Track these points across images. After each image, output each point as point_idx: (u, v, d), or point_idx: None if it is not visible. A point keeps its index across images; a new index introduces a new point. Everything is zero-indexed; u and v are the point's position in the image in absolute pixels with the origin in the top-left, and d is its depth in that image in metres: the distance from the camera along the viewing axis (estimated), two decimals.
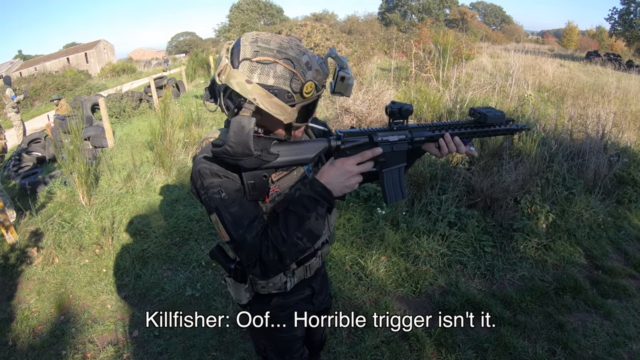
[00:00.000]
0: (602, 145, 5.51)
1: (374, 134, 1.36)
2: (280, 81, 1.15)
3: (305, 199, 1.28)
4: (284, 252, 1.27)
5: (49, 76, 25.18)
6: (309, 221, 1.27)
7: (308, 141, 1.32)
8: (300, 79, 1.17)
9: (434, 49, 9.99)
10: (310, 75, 1.19)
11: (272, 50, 1.16)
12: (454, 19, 51.31)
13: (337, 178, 1.29)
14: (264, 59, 1.15)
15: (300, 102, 1.19)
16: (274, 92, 1.15)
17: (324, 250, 1.69)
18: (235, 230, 1.27)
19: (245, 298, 1.58)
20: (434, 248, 3.85)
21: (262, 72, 1.15)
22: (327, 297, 1.89)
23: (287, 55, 1.16)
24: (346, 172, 1.29)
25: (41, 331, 3.31)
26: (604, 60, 20.33)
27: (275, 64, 1.15)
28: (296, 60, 1.17)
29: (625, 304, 3.42)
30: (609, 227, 4.55)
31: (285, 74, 1.15)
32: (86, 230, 4.56)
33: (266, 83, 1.15)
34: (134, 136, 9.03)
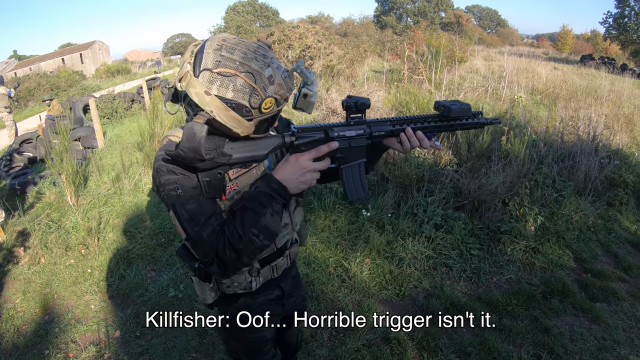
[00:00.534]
0: (593, 148, 5.51)
1: (329, 129, 1.34)
2: (239, 95, 1.14)
3: (261, 196, 1.28)
4: (240, 249, 1.25)
5: (44, 76, 25.05)
6: (265, 217, 1.26)
7: (261, 138, 1.30)
8: (260, 95, 1.15)
9: (426, 52, 9.99)
10: (272, 90, 1.17)
11: (234, 61, 1.13)
12: (449, 22, 51.44)
13: (292, 174, 1.29)
14: (225, 70, 1.13)
15: (258, 117, 1.18)
16: (231, 105, 1.14)
17: (292, 250, 1.67)
18: (191, 227, 1.26)
19: (210, 297, 1.56)
20: (419, 250, 3.82)
21: (221, 85, 1.13)
22: (300, 299, 1.87)
23: (249, 68, 1.14)
24: (300, 168, 1.29)
25: (25, 330, 3.30)
26: (598, 64, 20.39)
27: (236, 77, 1.13)
28: (258, 74, 1.14)
29: (614, 307, 3.40)
30: (599, 229, 4.53)
31: (245, 88, 1.14)
32: (73, 231, 4.54)
33: (224, 96, 1.13)
34: (125, 137, 8.98)
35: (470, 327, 3.12)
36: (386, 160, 4.97)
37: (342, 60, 12.23)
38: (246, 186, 1.40)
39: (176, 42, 73.30)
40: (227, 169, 1.29)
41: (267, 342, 1.72)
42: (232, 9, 56.99)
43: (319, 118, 6.56)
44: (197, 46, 1.19)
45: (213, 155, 1.19)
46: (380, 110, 6.01)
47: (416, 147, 1.44)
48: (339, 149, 1.35)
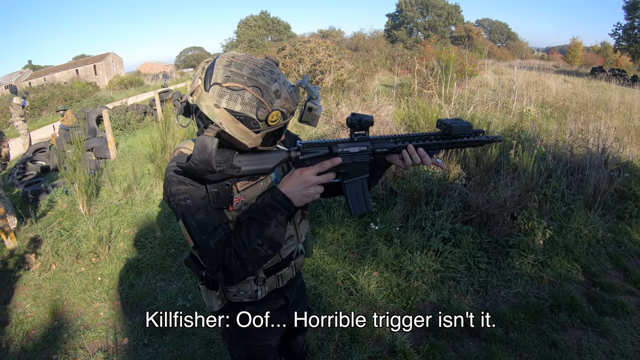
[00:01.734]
0: (603, 160, 5.47)
1: (334, 145, 1.38)
2: (247, 108, 1.18)
3: (266, 207, 1.31)
4: (245, 258, 1.29)
5: (57, 87, 25.45)
6: (269, 228, 1.30)
7: (268, 152, 1.33)
8: (267, 108, 1.19)
9: (436, 66, 10.02)
10: (278, 104, 1.21)
11: (242, 76, 1.18)
12: (459, 36, 51.48)
13: (296, 187, 1.33)
14: (234, 85, 1.18)
15: (265, 129, 1.23)
16: (239, 118, 1.19)
17: (297, 261, 1.71)
18: (199, 236, 1.31)
19: (216, 305, 1.59)
20: (427, 264, 3.82)
21: (230, 98, 1.18)
22: (305, 309, 1.89)
23: (256, 82, 1.18)
24: (304, 181, 1.33)
25: (34, 335, 3.35)
26: (609, 76, 20.30)
27: (244, 91, 1.18)
28: (265, 89, 1.19)
29: (623, 321, 3.36)
30: (609, 242, 4.50)
31: (253, 101, 1.18)
32: (84, 239, 4.60)
33: (233, 109, 1.18)
34: (137, 148, 9.09)
35: (476, 340, 3.11)
36: (395, 174, 4.99)
37: (353, 75, 12.29)
38: (253, 198, 1.44)
39: (189, 55, 74.01)
40: (235, 181, 1.32)
41: (271, 350, 1.73)
42: (244, 23, 57.52)
43: (328, 132, 6.60)
44: (208, 63, 1.25)
45: (223, 167, 1.24)
46: (389, 124, 6.03)
47: (417, 164, 1.48)
48: (343, 164, 1.39)
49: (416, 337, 3.15)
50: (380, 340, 3.09)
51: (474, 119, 6.49)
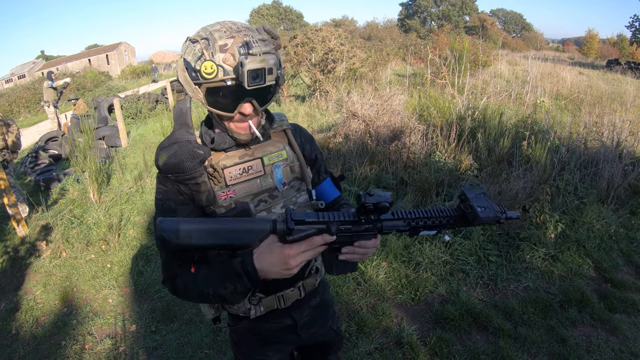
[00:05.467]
0: (617, 154, 5.37)
1: (332, 224, 1.10)
2: (193, 59, 1.18)
3: (231, 271, 1.13)
4: (189, 293, 1.23)
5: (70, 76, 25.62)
6: (225, 291, 1.14)
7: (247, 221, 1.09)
8: (205, 59, 1.16)
9: (450, 56, 9.91)
10: (219, 58, 1.15)
11: (206, 31, 1.19)
12: (473, 26, 51.01)
13: (273, 267, 1.09)
14: (195, 37, 1.19)
15: (203, 82, 1.18)
16: (186, 66, 1.21)
17: (307, 281, 1.52)
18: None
19: (210, 314, 1.48)
20: (436, 255, 3.79)
21: (187, 50, 1.21)
22: (326, 330, 1.68)
23: (210, 36, 1.17)
24: (285, 264, 1.08)
25: (44, 322, 3.40)
26: (625, 69, 19.96)
27: (196, 43, 1.18)
28: (213, 41, 1.16)
29: (633, 319, 3.30)
30: (621, 238, 4.42)
31: (198, 52, 1.17)
32: (94, 227, 4.63)
33: (186, 58, 1.21)
34: (148, 137, 9.13)
35: (484, 334, 3.08)
36: (406, 164, 4.95)
37: (365, 64, 12.20)
38: (247, 196, 1.32)
39: None
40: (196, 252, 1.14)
41: None
42: (256, 12, 57.54)
43: (339, 121, 6.56)
44: None
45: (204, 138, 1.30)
46: (401, 114, 5.97)
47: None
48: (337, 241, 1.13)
49: (423, 329, 3.13)
50: (387, 331, 3.08)
51: (487, 109, 6.41)
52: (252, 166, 1.34)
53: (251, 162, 1.33)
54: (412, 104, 6.81)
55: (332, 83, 11.03)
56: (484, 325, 3.14)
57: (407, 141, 5.49)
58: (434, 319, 3.22)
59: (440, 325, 3.13)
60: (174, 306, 3.44)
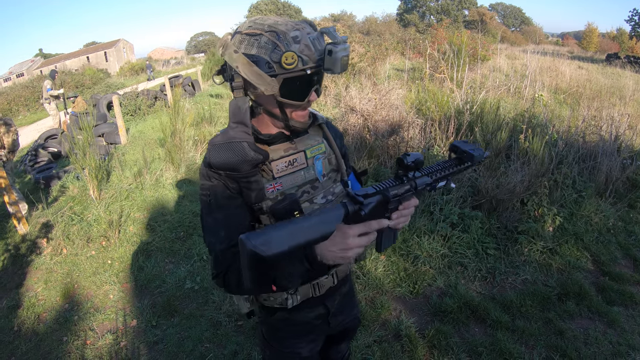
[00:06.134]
0: (616, 148, 5.38)
1: (386, 191, 1.19)
2: (262, 51, 1.16)
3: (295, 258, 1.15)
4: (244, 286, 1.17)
5: (69, 74, 25.61)
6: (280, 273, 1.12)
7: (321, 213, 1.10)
8: (281, 49, 1.15)
9: (448, 50, 9.91)
10: (296, 48, 1.16)
11: (263, 25, 1.18)
12: (473, 20, 50.85)
13: (333, 249, 1.11)
14: (252, 31, 1.18)
15: (281, 73, 1.17)
16: (254, 60, 1.17)
17: (340, 268, 1.54)
18: (208, 237, 1.28)
19: (245, 307, 1.51)
20: (434, 249, 3.81)
21: (248, 43, 1.18)
22: (352, 318, 1.73)
23: (275, 29, 1.16)
24: (345, 245, 1.10)
25: (46, 318, 3.41)
26: (624, 63, 19.95)
27: (260, 36, 1.17)
28: (282, 33, 1.16)
29: (631, 312, 3.33)
30: (619, 231, 4.45)
31: (268, 45, 1.16)
32: (95, 223, 4.64)
33: (250, 52, 1.17)
34: (147, 133, 9.13)
35: (482, 327, 3.10)
36: None
37: (364, 58, 12.18)
38: (292, 187, 1.36)
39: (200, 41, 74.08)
40: None
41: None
42: (255, 8, 57.41)
43: (337, 115, 6.56)
44: None
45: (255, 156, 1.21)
46: (399, 108, 5.99)
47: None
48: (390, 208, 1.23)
49: (422, 321, 3.15)
50: (385, 324, 3.10)
51: (485, 103, 6.42)
52: (297, 159, 1.38)
53: (296, 155, 1.38)
54: (410, 99, 6.81)
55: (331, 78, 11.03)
56: (482, 317, 3.16)
57: (405, 135, 5.50)
58: (432, 312, 3.24)
59: (439, 318, 3.15)
60: (175, 301, 3.47)
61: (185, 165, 6.28)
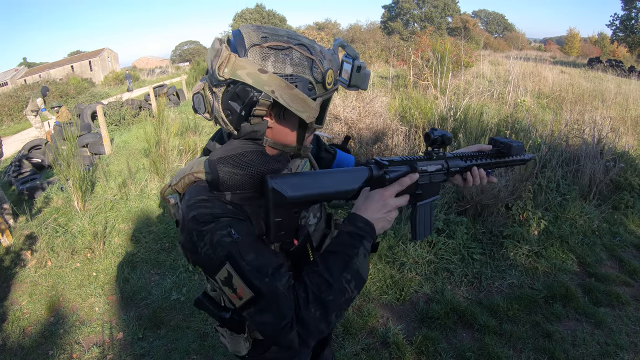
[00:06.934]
0: (599, 151, 5.45)
1: (414, 162, 1.18)
2: (300, 69, 0.95)
3: (346, 237, 1.05)
4: (330, 301, 0.97)
5: (53, 84, 25.29)
6: (357, 259, 1.02)
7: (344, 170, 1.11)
8: (319, 67, 0.97)
9: (432, 57, 10.00)
10: (327, 64, 0.99)
11: (281, 36, 0.96)
12: (456, 27, 51.42)
13: (378, 212, 1.08)
14: (277, 44, 0.94)
15: (321, 94, 0.99)
16: (294, 82, 0.94)
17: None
18: (260, 280, 0.94)
19: (244, 348, 1.30)
20: (420, 255, 3.81)
21: (276, 59, 0.93)
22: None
23: (300, 41, 0.97)
24: (386, 205, 1.09)
25: (31, 332, 3.36)
26: (606, 66, 20.31)
27: (290, 50, 0.95)
28: (311, 47, 0.98)
29: (618, 312, 3.37)
30: (604, 233, 4.50)
31: (304, 60, 0.95)
32: (79, 235, 4.59)
33: (283, 72, 0.94)
34: (132, 143, 9.08)
35: (470, 332, 3.11)
36: None
37: None
38: None
39: (184, 50, 73.80)
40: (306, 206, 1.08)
41: None
42: (239, 16, 57.42)
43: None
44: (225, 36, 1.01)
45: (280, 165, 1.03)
46: (383, 115, 6.02)
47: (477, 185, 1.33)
48: (419, 184, 1.19)
49: (409, 328, 3.16)
50: (373, 331, 3.09)
51: (469, 109, 6.48)
52: None
53: None
54: (394, 106, 6.86)
55: None
56: (470, 322, 3.17)
57: (389, 142, 5.53)
58: (419, 318, 3.24)
59: (426, 324, 3.16)
60: (161, 312, 3.43)
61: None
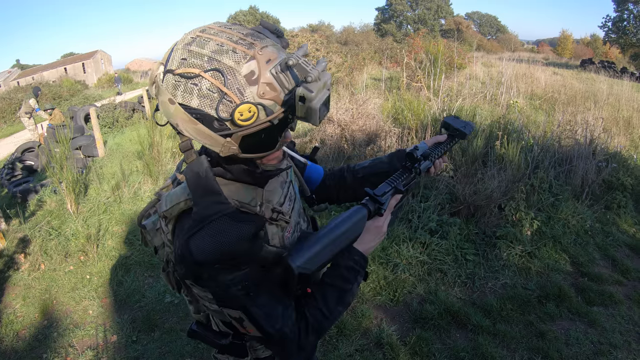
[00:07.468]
0: (591, 151, 5.49)
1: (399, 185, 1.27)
2: (206, 102, 0.83)
3: (344, 271, 1.11)
4: (325, 328, 1.08)
5: (46, 86, 25.18)
6: (351, 292, 1.12)
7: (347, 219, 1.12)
8: (233, 100, 0.82)
9: (425, 59, 10.02)
10: (252, 93, 0.83)
11: (202, 56, 0.83)
12: (449, 29, 51.54)
13: (373, 241, 1.18)
14: (188, 71, 0.83)
15: (237, 130, 0.86)
16: (197, 117, 0.85)
17: None
18: (271, 325, 0.98)
19: None
20: (414, 256, 3.81)
21: (185, 90, 0.84)
22: None
23: (218, 64, 0.82)
24: (380, 232, 1.19)
25: (25, 335, 3.34)
26: (598, 68, 20.41)
27: (200, 78, 0.83)
28: (230, 72, 0.82)
29: (611, 311, 3.40)
30: (597, 233, 4.54)
31: (213, 92, 0.83)
32: (72, 238, 4.56)
33: (189, 104, 0.84)
34: (125, 146, 9.05)
35: (463, 332, 3.13)
36: None
37: (342, 69, 12.27)
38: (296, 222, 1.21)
39: None
40: None
41: None
42: (233, 18, 57.25)
43: (315, 128, 6.56)
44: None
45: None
46: (376, 117, 6.03)
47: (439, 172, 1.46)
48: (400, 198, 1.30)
49: (403, 329, 3.16)
50: (367, 332, 3.10)
51: (462, 111, 6.51)
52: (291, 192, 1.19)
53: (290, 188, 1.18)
54: (387, 108, 6.87)
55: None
56: (463, 323, 3.19)
57: (382, 144, 5.54)
58: (413, 319, 3.25)
59: (420, 325, 3.17)
60: (155, 315, 3.42)
61: (163, 177, 6.22)
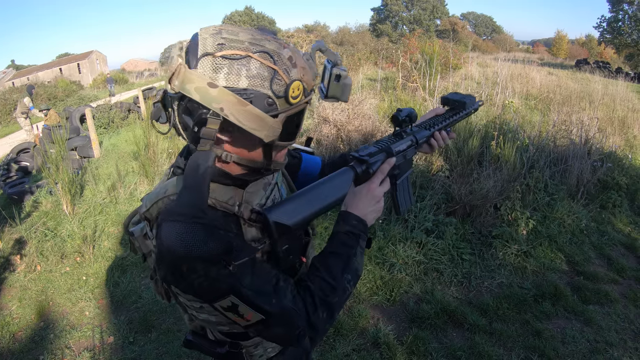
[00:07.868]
0: (586, 151, 5.52)
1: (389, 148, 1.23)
2: (257, 82, 0.82)
3: (343, 237, 1.07)
4: (335, 302, 1.00)
5: (41, 86, 25.13)
6: (355, 258, 1.06)
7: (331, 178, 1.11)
8: (283, 79, 0.84)
9: (421, 59, 10.05)
10: (296, 74, 0.86)
11: (242, 42, 0.83)
12: (444, 30, 51.60)
13: (369, 206, 1.11)
14: (233, 53, 0.82)
15: (285, 110, 0.86)
16: (248, 97, 0.82)
17: None
18: (267, 302, 0.91)
19: None
20: (410, 256, 3.82)
21: (230, 71, 0.81)
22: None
23: (262, 47, 0.84)
24: (375, 197, 1.13)
25: (21, 337, 3.33)
26: (593, 68, 20.54)
27: (248, 59, 0.82)
28: (276, 54, 0.84)
29: (607, 309, 3.41)
30: (592, 232, 4.56)
31: (263, 72, 0.83)
32: (68, 239, 4.55)
33: (237, 86, 0.82)
34: (121, 146, 9.02)
35: (460, 331, 3.14)
36: None
37: None
38: None
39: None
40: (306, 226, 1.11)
41: None
42: (229, 19, 57.41)
43: (310, 126, 6.57)
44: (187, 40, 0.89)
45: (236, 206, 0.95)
46: (372, 117, 6.04)
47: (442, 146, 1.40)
48: (396, 165, 1.24)
49: (400, 328, 3.17)
50: (364, 332, 3.10)
51: None
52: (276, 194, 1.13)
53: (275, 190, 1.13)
54: (383, 108, 6.89)
55: None
56: (460, 322, 3.19)
57: None
58: (409, 319, 3.26)
59: (416, 324, 3.18)
60: (151, 316, 3.42)
61: (159, 178, 6.20)
